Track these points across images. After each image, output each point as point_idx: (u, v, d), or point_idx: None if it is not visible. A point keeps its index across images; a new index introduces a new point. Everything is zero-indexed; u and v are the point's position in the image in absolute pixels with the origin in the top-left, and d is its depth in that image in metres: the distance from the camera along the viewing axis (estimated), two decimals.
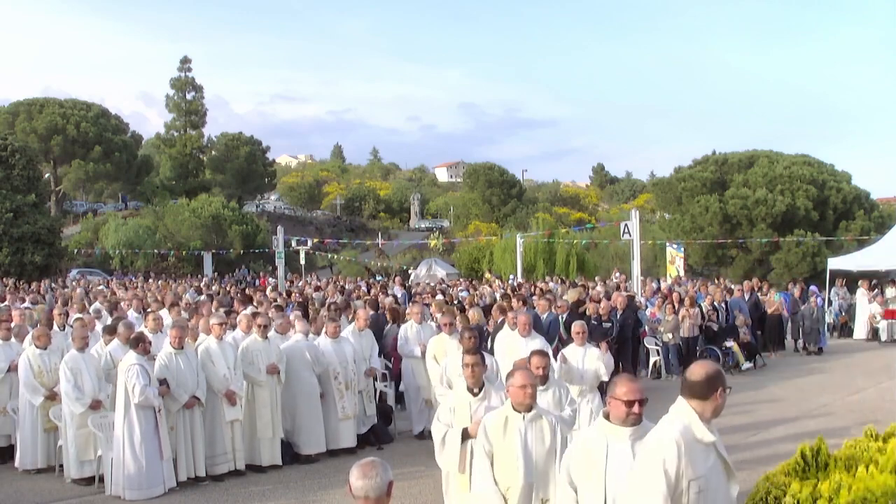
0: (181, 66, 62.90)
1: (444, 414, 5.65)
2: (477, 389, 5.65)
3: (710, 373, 3.58)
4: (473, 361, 5.69)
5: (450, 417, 5.57)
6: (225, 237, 48.89)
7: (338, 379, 9.47)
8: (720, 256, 34.61)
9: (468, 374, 5.69)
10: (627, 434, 3.98)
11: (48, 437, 8.88)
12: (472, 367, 5.66)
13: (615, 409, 3.99)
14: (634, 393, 3.97)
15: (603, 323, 13.31)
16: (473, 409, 5.54)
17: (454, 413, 5.58)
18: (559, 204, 76.72)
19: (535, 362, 5.83)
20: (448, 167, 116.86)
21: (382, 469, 3.04)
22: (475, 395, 5.64)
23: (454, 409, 5.60)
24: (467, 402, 5.61)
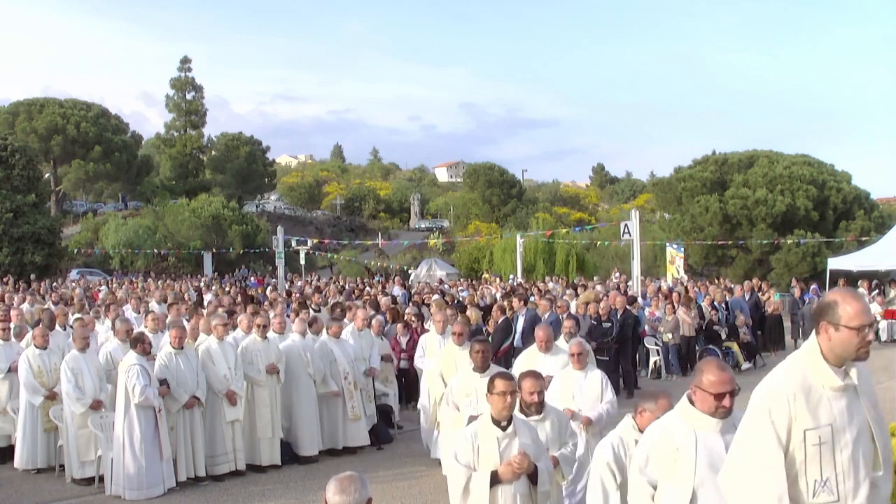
0: (181, 66, 62.94)
1: (465, 452, 4.52)
2: (505, 422, 4.57)
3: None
4: (509, 388, 4.57)
5: (472, 457, 4.50)
6: (225, 237, 48.88)
7: (347, 379, 9.51)
8: (720, 256, 34.60)
9: (502, 404, 4.54)
10: (718, 425, 3.54)
11: (48, 437, 8.88)
12: (507, 395, 4.54)
13: (703, 402, 3.55)
14: (725, 384, 3.53)
15: (603, 323, 13.31)
16: (503, 447, 4.50)
17: (478, 452, 4.50)
18: (559, 204, 76.71)
19: (527, 387, 4.99)
20: (448, 167, 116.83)
21: (361, 484, 2.86)
22: (503, 428, 4.55)
23: (477, 448, 4.51)
24: (494, 437, 4.53)
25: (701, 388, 3.54)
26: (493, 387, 4.56)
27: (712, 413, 3.53)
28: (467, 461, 4.50)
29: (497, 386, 4.55)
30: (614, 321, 13.38)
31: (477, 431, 4.58)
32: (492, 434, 4.54)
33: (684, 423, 3.58)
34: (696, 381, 3.58)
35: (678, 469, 3.48)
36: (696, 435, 3.51)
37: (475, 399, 6.05)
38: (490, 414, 4.60)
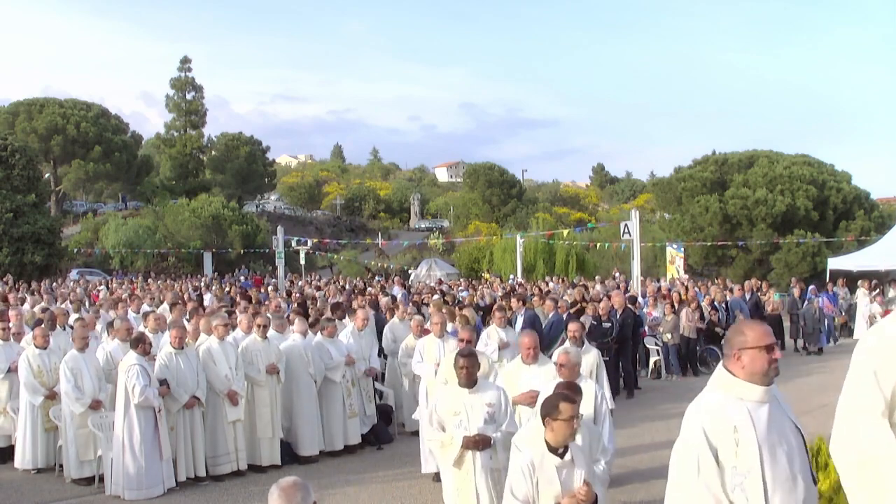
0: (181, 66, 62.93)
1: (521, 486, 4.10)
2: (563, 449, 4.18)
3: None
4: (575, 413, 4.20)
5: (530, 491, 4.08)
6: (225, 237, 48.88)
7: (345, 377, 9.54)
8: (720, 256, 34.60)
9: (567, 431, 4.17)
10: (765, 394, 3.21)
11: (48, 437, 8.88)
12: (573, 421, 4.16)
13: (753, 362, 3.21)
14: (769, 334, 3.26)
15: (603, 323, 13.31)
16: (563, 477, 4.16)
17: (537, 486, 4.09)
18: (559, 204, 76.72)
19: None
20: (448, 167, 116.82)
21: (305, 491, 2.74)
22: (561, 455, 4.16)
23: (536, 481, 4.09)
24: (553, 466, 4.17)
25: (747, 346, 3.23)
26: (558, 412, 4.13)
27: (765, 372, 3.23)
28: (525, 496, 4.13)
29: (563, 411, 4.13)
30: (614, 321, 13.38)
31: (533, 461, 4.17)
32: (550, 463, 4.17)
33: (731, 398, 3.23)
34: (739, 344, 3.26)
35: (741, 452, 3.14)
36: (748, 409, 3.19)
37: (465, 418, 5.51)
38: (546, 440, 4.22)
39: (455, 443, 5.41)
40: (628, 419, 10.62)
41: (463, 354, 5.73)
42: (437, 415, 5.66)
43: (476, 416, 5.49)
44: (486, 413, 5.49)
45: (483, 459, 5.39)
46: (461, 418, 5.50)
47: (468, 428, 5.46)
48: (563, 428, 4.15)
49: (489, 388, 5.74)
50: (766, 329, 3.29)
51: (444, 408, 5.64)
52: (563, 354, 5.93)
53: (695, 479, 3.14)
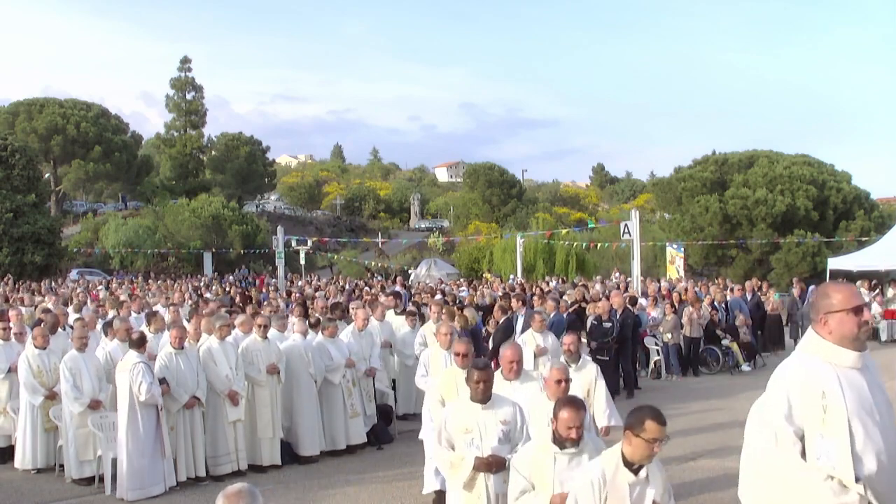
0: (181, 66, 62.92)
1: (587, 497, 3.89)
2: (638, 466, 3.97)
3: None
4: (662, 435, 3.86)
5: (595, 502, 3.89)
6: (225, 237, 48.88)
7: (346, 377, 9.55)
8: (720, 256, 34.61)
9: (648, 451, 3.86)
10: (858, 360, 3.04)
11: (48, 437, 8.88)
12: (658, 443, 3.85)
13: (841, 326, 3.04)
14: (858, 295, 3.09)
15: (603, 323, 13.31)
16: (635, 495, 3.94)
17: (605, 501, 3.90)
18: (559, 204, 76.74)
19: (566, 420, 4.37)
20: (448, 167, 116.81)
21: (251, 498, 2.58)
22: (636, 471, 3.93)
23: (605, 496, 3.91)
24: (626, 482, 3.91)
25: (833, 310, 3.05)
26: (642, 429, 3.82)
27: (855, 336, 3.05)
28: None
29: (647, 430, 3.82)
30: (614, 321, 13.38)
31: (605, 474, 3.89)
32: (623, 479, 3.89)
33: (821, 362, 3.05)
34: (825, 308, 3.09)
35: (829, 419, 2.94)
36: (838, 374, 3.01)
37: (478, 436, 5.01)
38: (623, 452, 3.93)
39: (466, 463, 4.93)
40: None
41: (479, 367, 5.16)
42: (447, 432, 5.13)
43: (490, 434, 5.00)
44: (501, 431, 5.00)
45: (496, 483, 4.89)
46: (473, 436, 5.02)
47: (480, 447, 4.97)
48: (642, 447, 3.83)
49: (504, 404, 5.16)
50: (854, 290, 3.13)
51: (454, 424, 5.10)
52: (559, 370, 5.52)
53: (772, 448, 3.04)
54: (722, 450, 9.06)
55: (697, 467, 8.37)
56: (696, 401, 12.62)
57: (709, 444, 9.46)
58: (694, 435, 9.84)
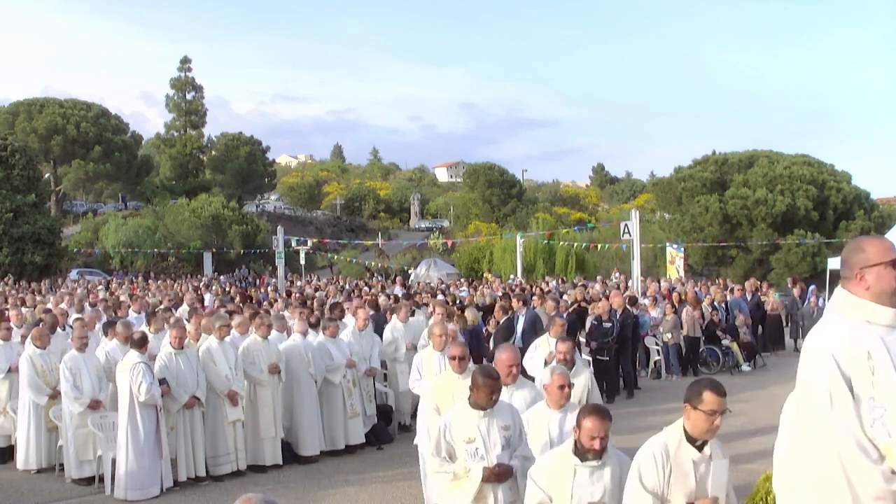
0: (181, 66, 62.92)
1: (652, 476, 3.63)
2: (702, 441, 3.71)
3: None
4: (721, 407, 3.65)
5: (661, 484, 3.64)
6: (225, 237, 48.89)
7: (346, 377, 9.55)
8: (720, 256, 34.61)
9: (709, 425, 3.64)
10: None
11: (49, 437, 8.88)
12: (717, 416, 3.64)
13: (879, 280, 2.87)
14: (893, 249, 2.92)
15: (603, 323, 13.31)
16: (700, 473, 3.69)
17: (668, 479, 3.65)
18: (559, 204, 76.71)
19: (589, 429, 4.09)
20: (448, 167, 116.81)
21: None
22: (700, 448, 3.70)
23: (669, 471, 3.63)
24: (690, 459, 3.69)
25: (869, 264, 2.88)
26: (700, 400, 3.61)
27: (894, 290, 2.86)
28: (655, 488, 3.60)
29: (705, 401, 3.60)
30: (614, 321, 13.38)
31: (668, 448, 3.64)
32: (687, 455, 3.64)
33: (859, 321, 2.87)
34: (860, 262, 2.91)
35: (878, 381, 2.75)
36: (879, 333, 2.82)
37: (482, 445, 4.68)
38: (684, 428, 3.67)
39: (474, 475, 4.61)
40: (628, 419, 10.61)
41: (491, 376, 4.81)
42: (446, 442, 4.76)
43: (494, 442, 4.71)
44: (503, 438, 4.73)
45: (505, 495, 4.63)
46: (477, 446, 4.69)
47: (486, 457, 4.65)
48: (701, 420, 3.58)
49: (502, 409, 4.89)
50: (889, 243, 2.95)
51: (455, 434, 4.74)
52: (561, 375, 5.16)
53: (827, 414, 2.78)
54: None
55: None
56: None
57: None
58: None
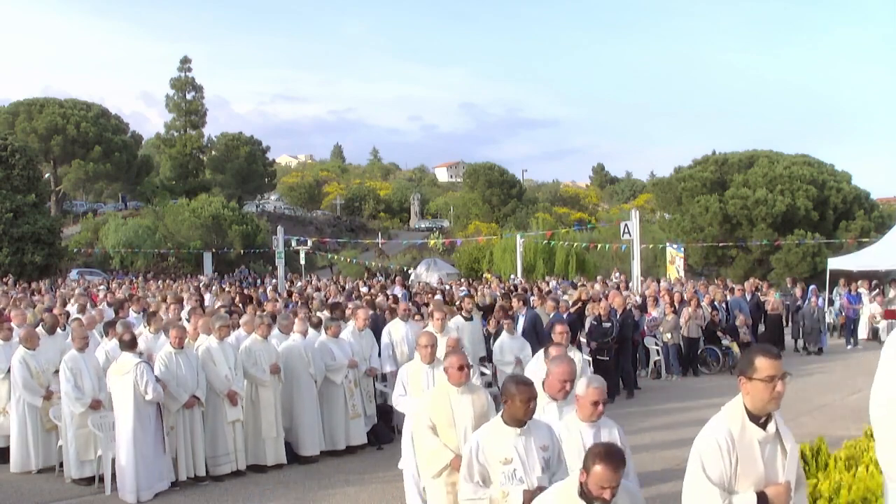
0: (181, 66, 62.92)
1: (716, 463, 3.33)
2: (765, 418, 3.47)
3: None
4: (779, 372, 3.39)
5: (727, 470, 3.34)
6: (225, 237, 48.88)
7: (348, 377, 9.55)
8: (720, 256, 34.60)
9: (769, 394, 3.39)
10: None
11: (47, 437, 8.88)
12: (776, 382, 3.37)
13: None
14: None
15: (603, 323, 13.31)
16: (766, 454, 3.42)
17: (735, 464, 3.36)
18: (559, 204, 76.70)
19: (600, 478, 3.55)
20: (448, 167, 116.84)
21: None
22: (763, 425, 3.42)
23: (735, 458, 3.36)
24: (755, 439, 3.43)
25: None
26: (754, 369, 3.35)
27: None
28: (721, 478, 3.29)
29: (759, 368, 3.34)
30: (614, 321, 13.38)
31: (732, 433, 3.35)
32: (752, 436, 3.34)
33: None
34: None
35: None
36: None
37: (520, 467, 4.23)
38: (745, 405, 3.38)
39: (512, 500, 4.18)
40: (628, 419, 10.61)
41: (525, 383, 4.31)
42: (479, 464, 4.28)
43: (533, 463, 4.25)
44: (542, 459, 4.27)
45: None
46: (515, 467, 4.22)
47: (525, 479, 4.20)
48: (760, 390, 3.28)
49: (539, 427, 4.42)
50: None
51: (490, 454, 4.27)
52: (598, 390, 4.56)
53: None
54: None
55: None
56: (696, 401, 12.61)
57: None
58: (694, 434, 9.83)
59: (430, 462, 5.04)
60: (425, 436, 5.12)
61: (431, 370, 6.52)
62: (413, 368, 6.77)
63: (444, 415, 5.13)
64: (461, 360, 5.30)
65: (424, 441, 5.12)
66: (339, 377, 9.46)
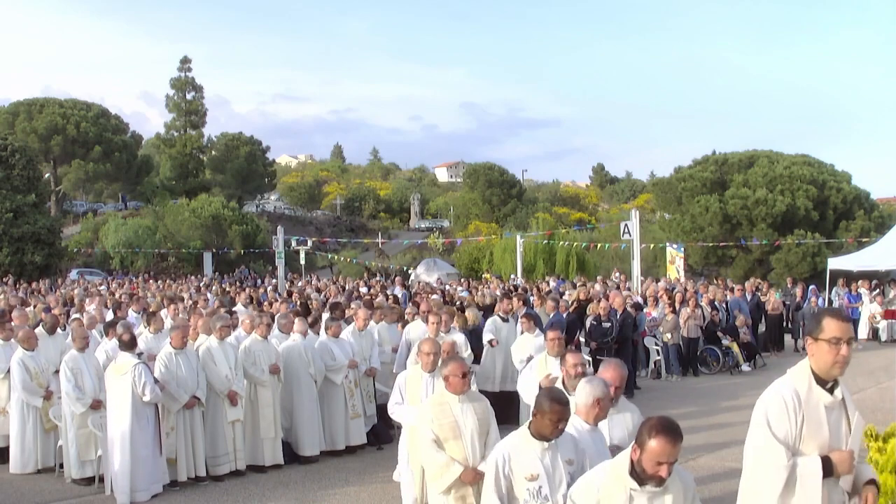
0: (181, 66, 62.90)
1: (782, 419, 3.24)
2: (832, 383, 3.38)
3: None
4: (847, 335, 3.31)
5: (792, 429, 3.25)
6: (225, 237, 48.88)
7: (348, 377, 9.56)
8: (720, 256, 34.62)
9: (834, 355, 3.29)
10: None
11: (46, 437, 8.88)
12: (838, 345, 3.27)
13: None
14: None
15: (603, 323, 13.31)
16: (832, 420, 3.33)
17: (800, 424, 3.26)
18: (559, 204, 76.66)
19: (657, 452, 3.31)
20: (448, 167, 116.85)
21: None
22: (830, 391, 3.36)
23: (802, 417, 3.26)
24: (821, 403, 3.32)
25: None
26: (822, 331, 3.26)
27: None
28: (786, 436, 3.18)
29: (828, 329, 3.24)
30: (614, 321, 13.38)
31: (798, 392, 3.25)
32: (818, 399, 3.25)
33: None
34: None
35: None
36: None
37: (546, 483, 4.00)
38: (811, 367, 3.29)
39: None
40: None
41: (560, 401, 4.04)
42: (506, 479, 4.02)
43: (559, 480, 4.03)
44: (568, 474, 4.06)
45: None
46: (541, 484, 4.00)
47: (550, 498, 3.98)
48: (825, 351, 3.21)
49: (565, 440, 4.22)
50: None
51: (516, 468, 4.03)
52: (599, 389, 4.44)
53: None
54: (722, 448, 9.10)
55: (698, 465, 8.39)
56: (696, 401, 12.63)
57: (709, 443, 9.50)
58: (694, 434, 9.84)
59: (438, 477, 4.84)
60: (430, 450, 4.89)
61: (432, 379, 6.23)
62: (412, 375, 6.46)
63: (448, 426, 4.91)
64: (463, 367, 5.06)
65: (430, 456, 4.89)
66: (339, 377, 9.46)
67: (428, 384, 6.21)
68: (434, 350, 6.34)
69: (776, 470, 3.15)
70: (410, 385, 6.34)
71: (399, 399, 6.39)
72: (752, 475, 3.29)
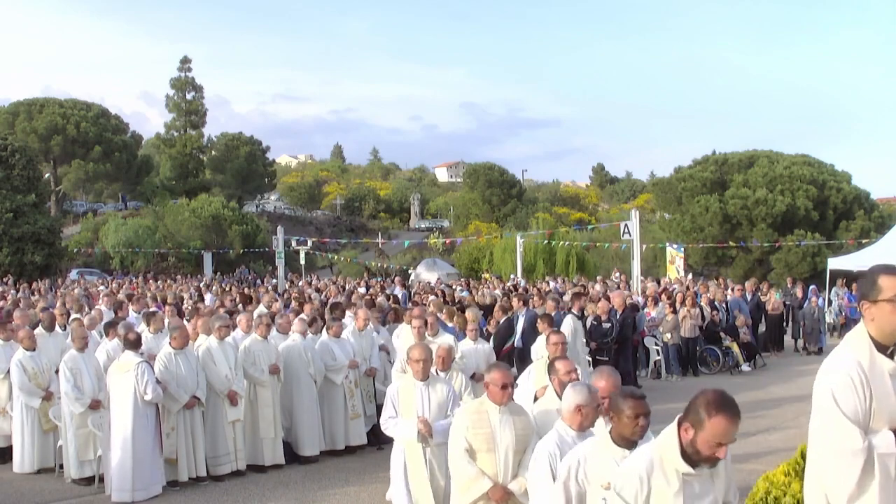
0: (181, 66, 62.90)
1: (849, 396, 2.99)
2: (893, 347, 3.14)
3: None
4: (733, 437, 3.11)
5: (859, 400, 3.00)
6: (225, 237, 48.87)
7: (348, 377, 9.55)
8: (720, 256, 34.62)
9: (889, 314, 3.00)
10: None
11: (46, 437, 8.88)
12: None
13: None
14: None
15: (603, 323, 13.31)
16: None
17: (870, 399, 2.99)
18: (559, 204, 76.64)
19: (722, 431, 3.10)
20: (448, 167, 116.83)
21: None
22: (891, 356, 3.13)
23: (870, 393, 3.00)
24: (885, 370, 3.04)
25: None
26: (880, 291, 3.02)
27: None
28: (856, 412, 2.93)
29: (883, 288, 2.99)
30: (614, 321, 13.38)
31: (861, 365, 2.97)
32: (882, 367, 3.00)
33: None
34: None
35: None
36: None
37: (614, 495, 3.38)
38: (869, 333, 3.05)
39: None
40: None
41: (632, 395, 3.72)
42: (578, 484, 3.70)
43: None
44: None
45: None
46: (606, 496, 3.67)
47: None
48: (886, 313, 2.94)
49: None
50: None
51: (592, 475, 3.73)
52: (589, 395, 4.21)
53: None
54: None
55: None
56: None
57: None
58: None
59: (465, 490, 4.68)
60: (461, 460, 4.68)
61: (426, 388, 5.80)
62: (404, 386, 5.93)
63: (483, 437, 4.67)
64: (505, 377, 4.71)
65: (460, 466, 4.69)
66: (339, 377, 9.46)
67: (423, 393, 5.79)
68: (424, 356, 5.87)
69: (853, 455, 2.85)
70: (403, 396, 5.83)
71: (392, 412, 5.86)
72: (822, 462, 2.99)
